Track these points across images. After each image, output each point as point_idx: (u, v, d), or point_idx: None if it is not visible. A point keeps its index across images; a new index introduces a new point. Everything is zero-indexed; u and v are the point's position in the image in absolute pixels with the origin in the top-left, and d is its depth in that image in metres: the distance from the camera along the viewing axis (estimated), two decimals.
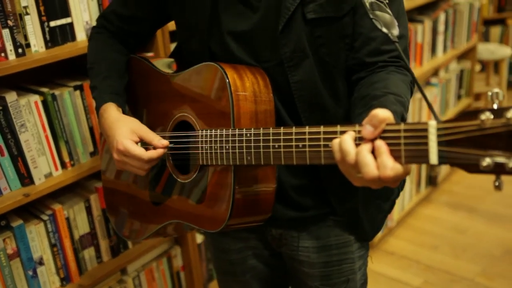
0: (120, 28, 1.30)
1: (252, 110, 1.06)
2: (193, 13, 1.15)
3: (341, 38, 1.07)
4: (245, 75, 1.07)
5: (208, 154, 1.07)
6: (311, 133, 0.88)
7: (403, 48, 1.08)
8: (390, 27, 0.90)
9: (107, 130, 1.17)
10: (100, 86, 1.24)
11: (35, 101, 1.52)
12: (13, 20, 1.43)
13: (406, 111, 0.98)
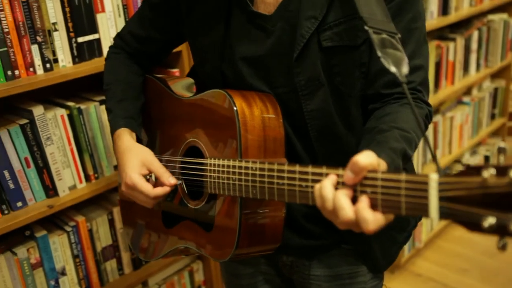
0: (136, 48, 1.32)
1: (261, 140, 1.05)
2: (206, 36, 1.14)
3: (357, 67, 1.05)
4: (254, 102, 1.06)
5: (215, 183, 1.06)
6: (314, 174, 0.86)
7: (422, 79, 1.06)
8: (400, 64, 0.87)
9: (119, 159, 1.18)
10: (115, 109, 1.25)
11: (61, 115, 1.56)
12: (42, 36, 1.48)
13: (411, 147, 0.95)
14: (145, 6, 1.30)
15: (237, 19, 1.11)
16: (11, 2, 1.40)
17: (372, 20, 0.93)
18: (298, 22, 1.03)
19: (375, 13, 0.95)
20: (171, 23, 1.25)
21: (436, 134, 2.86)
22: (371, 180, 0.77)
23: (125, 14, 1.65)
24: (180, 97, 1.23)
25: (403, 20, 1.03)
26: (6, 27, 1.41)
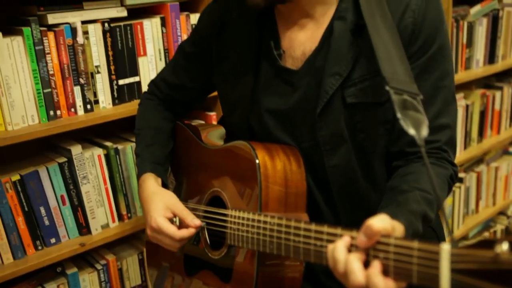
0: (169, 95, 1.35)
1: (282, 193, 1.04)
2: (235, 88, 1.16)
3: (381, 124, 1.04)
4: (277, 156, 1.06)
5: (235, 235, 1.06)
6: (329, 234, 0.85)
7: (448, 138, 1.04)
8: (420, 127, 0.86)
9: (144, 203, 1.20)
10: (143, 154, 1.28)
11: (99, 155, 1.59)
12: (85, 78, 1.53)
13: (432, 209, 0.93)
14: (179, 54, 1.34)
15: (265, 72, 1.13)
16: (57, 45, 1.46)
17: (394, 80, 0.92)
18: (323, 78, 1.03)
19: (398, 72, 0.94)
20: (203, 72, 1.28)
21: (479, 184, 2.77)
22: (384, 245, 0.75)
23: (166, 58, 1.68)
24: (207, 146, 1.24)
25: (430, 78, 1.03)
26: (52, 69, 1.46)
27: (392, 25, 1.00)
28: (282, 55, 1.10)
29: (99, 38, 1.53)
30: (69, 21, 1.48)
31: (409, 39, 1.01)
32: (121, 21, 1.58)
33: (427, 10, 1.02)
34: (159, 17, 1.65)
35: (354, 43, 1.02)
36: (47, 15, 1.44)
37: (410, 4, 1.01)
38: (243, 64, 1.14)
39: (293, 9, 1.07)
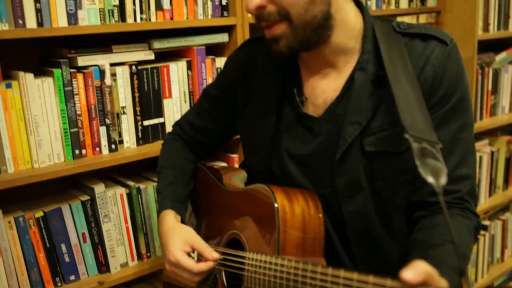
0: (193, 137, 1.38)
1: (299, 238, 1.05)
2: (257, 132, 1.18)
3: (400, 173, 1.05)
4: (296, 200, 1.07)
5: (252, 278, 1.06)
6: (345, 279, 0.84)
7: (469, 189, 1.04)
8: (439, 175, 0.86)
9: (163, 238, 1.21)
10: (164, 191, 1.30)
11: (121, 194, 1.61)
12: (111, 118, 1.56)
13: (466, 262, 0.92)
14: (204, 97, 1.37)
15: (287, 117, 1.15)
16: (86, 86, 1.50)
17: (413, 128, 0.93)
18: (343, 126, 1.05)
19: (417, 121, 0.96)
20: (227, 116, 1.30)
21: (505, 232, 2.71)
22: None
23: (190, 100, 1.72)
24: (227, 188, 1.26)
25: (449, 129, 1.04)
26: (79, 110, 1.50)
27: (413, 77, 1.02)
28: (304, 102, 1.12)
29: (126, 80, 1.57)
30: (98, 63, 1.52)
31: (429, 91, 1.02)
32: (148, 64, 1.62)
33: (447, 64, 1.03)
34: (185, 61, 1.69)
35: (374, 93, 1.04)
36: (78, 58, 1.49)
37: (431, 57, 1.03)
38: (266, 108, 1.16)
39: (316, 58, 1.10)
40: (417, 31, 1.07)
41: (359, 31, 1.08)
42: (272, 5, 0.99)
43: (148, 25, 1.57)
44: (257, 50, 1.23)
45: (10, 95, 1.40)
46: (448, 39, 1.05)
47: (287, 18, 0.99)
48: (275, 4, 0.99)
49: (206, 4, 1.68)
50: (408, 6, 2.23)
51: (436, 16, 2.35)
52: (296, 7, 0.98)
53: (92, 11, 1.47)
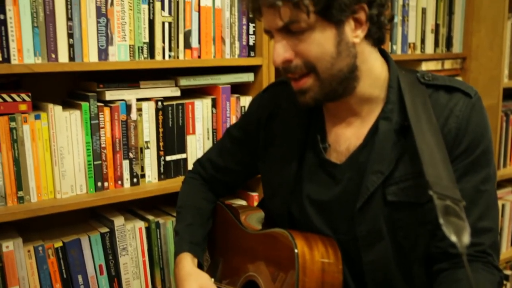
0: (213, 176, 1.39)
1: (318, 284, 1.05)
2: (278, 175, 1.19)
3: (421, 224, 1.04)
4: (316, 247, 1.07)
5: None
6: None
7: (492, 242, 1.03)
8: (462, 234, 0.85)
9: (178, 282, 1.21)
10: (182, 233, 1.31)
11: (140, 227, 1.62)
12: (134, 153, 1.58)
13: None
14: (226, 137, 1.38)
15: (309, 162, 1.15)
16: (112, 120, 1.53)
17: (437, 184, 0.93)
18: (365, 174, 1.05)
19: (441, 177, 0.95)
20: (248, 157, 1.31)
21: None
22: None
23: (213, 137, 1.73)
24: (246, 230, 1.26)
25: (472, 181, 1.03)
26: (104, 143, 1.52)
27: (437, 129, 1.02)
28: (327, 148, 1.13)
29: (151, 115, 1.60)
30: (125, 98, 1.55)
31: (453, 143, 1.03)
32: (174, 100, 1.65)
33: (471, 116, 1.03)
34: (211, 98, 1.71)
35: (397, 143, 1.04)
36: (106, 92, 1.52)
37: (454, 110, 1.03)
38: (288, 152, 1.17)
39: (341, 106, 1.10)
40: (442, 83, 1.07)
41: (384, 80, 1.09)
42: (299, 59, 1.01)
43: (176, 63, 1.60)
44: (281, 93, 1.24)
45: (38, 126, 1.43)
46: (473, 92, 1.05)
47: (314, 71, 1.01)
48: (301, 58, 1.01)
49: (234, 44, 1.71)
50: (433, 51, 2.24)
51: (462, 63, 2.35)
52: (322, 61, 1.00)
53: (123, 47, 1.51)
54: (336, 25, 0.99)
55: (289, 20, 0.98)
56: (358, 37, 1.02)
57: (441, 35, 2.27)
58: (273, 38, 1.04)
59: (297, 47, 1.00)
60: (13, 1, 1.34)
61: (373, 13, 1.02)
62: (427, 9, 2.19)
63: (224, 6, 1.67)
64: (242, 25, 1.72)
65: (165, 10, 1.57)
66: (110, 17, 1.47)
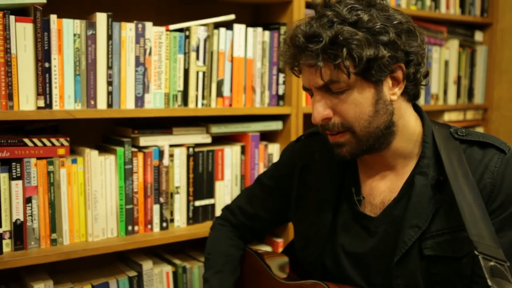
0: (242, 222, 1.40)
1: None
2: (313, 225, 1.20)
3: (458, 278, 1.04)
4: None
5: None
6: None
7: None
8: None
9: None
10: (212, 280, 1.31)
11: (167, 272, 1.63)
12: (165, 197, 1.61)
13: None
14: (257, 185, 1.40)
15: (344, 214, 1.17)
16: (145, 166, 1.56)
17: (481, 244, 0.94)
18: (402, 229, 1.07)
19: (483, 235, 0.96)
20: (278, 206, 1.33)
21: None
22: None
23: (241, 183, 1.76)
24: (279, 279, 1.25)
25: (508, 236, 1.04)
26: (136, 188, 1.55)
27: (474, 184, 1.03)
28: (362, 201, 1.15)
29: (182, 161, 1.63)
30: (158, 144, 1.59)
31: (488, 198, 1.04)
32: (204, 147, 1.69)
33: (506, 172, 1.05)
34: (240, 145, 1.75)
35: (434, 198, 1.06)
36: (140, 138, 1.56)
37: (489, 165, 1.05)
38: (323, 204, 1.19)
39: (376, 160, 1.13)
40: (476, 139, 1.09)
41: (418, 135, 1.11)
42: (337, 117, 1.04)
43: (208, 111, 1.64)
44: (314, 144, 1.26)
45: (75, 170, 1.46)
46: (506, 148, 1.07)
47: (351, 130, 1.04)
48: (340, 117, 1.04)
49: (264, 93, 1.76)
50: (455, 102, 2.28)
51: (483, 113, 2.38)
52: (360, 120, 1.03)
53: (158, 95, 1.56)
54: (374, 84, 1.03)
55: (329, 79, 1.01)
56: (396, 94, 1.05)
57: (463, 87, 2.30)
58: (312, 95, 1.08)
59: (336, 106, 1.04)
60: (58, 50, 1.40)
61: (410, 71, 1.06)
62: (449, 61, 2.23)
63: (256, 56, 1.73)
64: (272, 75, 1.77)
65: (199, 60, 1.62)
66: (147, 66, 1.53)
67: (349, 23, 1.00)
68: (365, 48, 0.98)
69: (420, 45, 1.07)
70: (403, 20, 1.04)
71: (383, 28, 1.01)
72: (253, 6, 1.88)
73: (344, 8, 1.02)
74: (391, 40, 1.01)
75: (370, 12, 1.02)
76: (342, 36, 0.98)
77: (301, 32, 1.03)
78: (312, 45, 1.00)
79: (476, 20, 2.31)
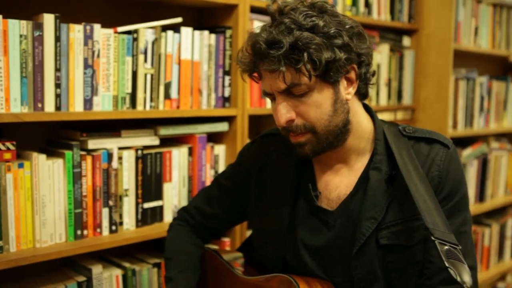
0: (200, 222, 1.43)
1: None
2: (272, 222, 1.25)
3: (411, 264, 1.13)
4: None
5: None
6: None
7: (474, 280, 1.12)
8: (463, 274, 0.95)
9: None
10: (176, 278, 1.33)
11: (117, 275, 1.62)
12: (114, 201, 1.60)
13: None
14: (215, 186, 1.43)
15: (302, 210, 1.23)
16: (93, 169, 1.54)
17: (436, 231, 1.03)
18: (359, 221, 1.14)
19: (437, 223, 1.06)
20: (236, 205, 1.37)
21: None
22: None
23: (189, 185, 1.77)
24: (240, 275, 1.29)
25: (453, 223, 1.14)
26: (85, 191, 1.53)
27: (424, 177, 1.13)
28: (318, 196, 1.21)
29: (131, 163, 1.62)
30: (107, 147, 1.58)
31: (436, 190, 1.14)
32: (153, 149, 1.69)
33: (450, 165, 1.16)
34: (187, 147, 1.76)
35: (387, 191, 1.15)
36: (88, 141, 1.54)
37: (436, 159, 1.16)
38: (281, 201, 1.24)
39: (331, 156, 1.20)
40: (422, 135, 1.20)
41: (370, 133, 1.20)
42: (300, 118, 1.10)
43: (157, 113, 1.64)
44: (270, 145, 1.32)
45: (21, 174, 1.42)
46: (450, 143, 1.18)
47: (312, 130, 1.11)
48: (302, 118, 1.10)
49: (210, 95, 1.78)
50: (387, 103, 2.41)
51: (412, 113, 2.53)
52: (321, 120, 1.10)
53: (107, 97, 1.55)
54: (332, 85, 1.10)
55: (291, 83, 1.07)
56: (350, 94, 1.13)
57: (393, 88, 2.44)
58: (273, 100, 1.12)
59: (298, 108, 1.10)
60: (4, 51, 1.35)
61: (362, 71, 1.14)
62: (381, 64, 2.36)
63: (203, 59, 1.75)
64: (218, 78, 1.80)
65: (147, 63, 1.62)
66: (96, 68, 1.51)
67: (306, 29, 1.06)
68: (323, 51, 1.05)
69: (369, 46, 1.16)
70: (353, 25, 1.12)
71: (337, 32, 1.08)
72: (198, 9, 1.90)
73: (300, 15, 1.07)
74: (345, 43, 1.08)
75: (324, 18, 1.08)
76: (301, 42, 1.04)
77: (262, 39, 1.07)
78: (274, 51, 1.05)
79: (404, 26, 2.46)
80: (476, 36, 2.68)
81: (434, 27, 2.46)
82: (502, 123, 2.98)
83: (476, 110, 2.74)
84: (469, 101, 2.69)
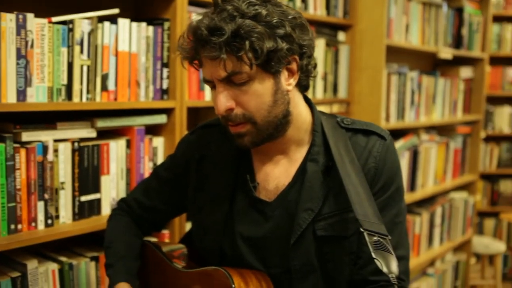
0: (139, 214, 1.43)
1: None
2: (210, 214, 1.26)
3: (347, 255, 1.17)
4: (251, 281, 1.16)
5: None
6: None
7: (405, 269, 1.18)
8: (391, 264, 1.00)
9: None
10: (116, 265, 1.32)
11: (53, 270, 1.59)
12: (50, 194, 1.57)
13: None
14: (153, 178, 1.42)
15: (240, 201, 1.24)
16: (28, 162, 1.51)
17: (366, 222, 1.07)
18: (296, 212, 1.16)
19: (368, 214, 1.09)
20: (176, 197, 1.37)
21: None
22: None
23: (127, 177, 1.76)
24: (178, 268, 1.30)
25: (388, 214, 1.18)
26: (19, 185, 1.50)
27: (359, 168, 1.16)
28: (257, 187, 1.23)
29: (67, 156, 1.60)
30: (42, 139, 1.54)
31: (372, 181, 1.18)
32: (90, 141, 1.67)
33: (387, 157, 1.20)
34: (125, 139, 1.75)
35: (324, 182, 1.18)
36: (22, 133, 1.51)
37: (372, 151, 1.19)
38: (220, 192, 1.25)
39: (270, 147, 1.21)
40: (359, 127, 1.23)
41: (308, 124, 1.22)
42: (240, 108, 1.11)
43: (93, 105, 1.62)
44: (210, 136, 1.32)
45: None
46: (386, 134, 1.22)
47: (252, 121, 1.12)
48: (242, 107, 1.11)
49: (148, 87, 1.78)
50: (323, 96, 2.48)
51: (347, 106, 2.62)
52: (261, 110, 1.11)
53: (41, 89, 1.51)
54: (273, 75, 1.11)
55: (232, 71, 1.07)
56: (291, 85, 1.15)
57: (329, 82, 2.51)
58: (213, 88, 1.13)
59: (238, 97, 1.10)
60: None
61: (303, 63, 1.16)
62: (318, 58, 2.42)
63: (140, 51, 1.74)
64: (156, 70, 1.80)
65: (84, 54, 1.60)
66: (29, 59, 1.48)
67: (249, 17, 1.06)
68: (265, 40, 1.06)
69: (311, 38, 1.17)
70: (296, 16, 1.13)
71: (280, 22, 1.08)
72: (136, 1, 1.88)
73: (243, 3, 1.07)
74: (287, 34, 1.09)
75: (267, 7, 1.09)
76: (243, 30, 1.04)
77: (204, 25, 1.06)
78: (215, 38, 1.05)
79: (339, 22, 2.53)
80: (407, 32, 2.79)
81: (367, 23, 2.55)
82: (432, 116, 3.12)
83: (407, 104, 2.86)
84: (401, 95, 2.80)
